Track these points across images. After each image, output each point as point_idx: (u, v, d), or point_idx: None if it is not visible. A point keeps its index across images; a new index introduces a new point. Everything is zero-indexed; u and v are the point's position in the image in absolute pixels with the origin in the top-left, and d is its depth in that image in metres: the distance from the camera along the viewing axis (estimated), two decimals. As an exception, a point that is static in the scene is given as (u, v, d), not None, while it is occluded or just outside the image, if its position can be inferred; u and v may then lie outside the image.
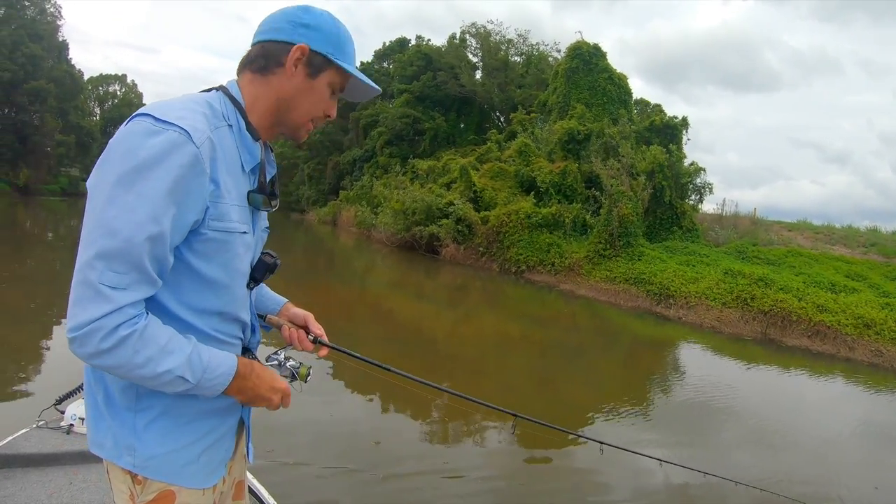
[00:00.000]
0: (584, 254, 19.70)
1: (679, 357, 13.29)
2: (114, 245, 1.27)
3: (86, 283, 1.28)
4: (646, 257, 19.21)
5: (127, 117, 1.43)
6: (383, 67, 50.97)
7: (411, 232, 23.77)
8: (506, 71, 39.28)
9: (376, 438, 6.28)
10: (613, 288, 17.95)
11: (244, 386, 1.51)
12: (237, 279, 1.53)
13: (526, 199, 22.21)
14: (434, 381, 2.32)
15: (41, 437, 3.36)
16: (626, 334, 15.10)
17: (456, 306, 16.44)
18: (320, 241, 33.33)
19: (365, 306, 14.96)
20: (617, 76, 31.29)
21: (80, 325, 1.27)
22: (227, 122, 1.48)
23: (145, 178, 1.28)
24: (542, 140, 26.57)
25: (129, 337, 1.29)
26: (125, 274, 1.29)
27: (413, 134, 40.21)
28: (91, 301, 1.27)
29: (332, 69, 1.55)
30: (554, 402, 8.33)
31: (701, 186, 27.38)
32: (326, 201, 46.75)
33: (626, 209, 19.62)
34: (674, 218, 23.09)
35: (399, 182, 31.73)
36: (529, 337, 13.15)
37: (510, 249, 20.81)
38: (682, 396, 9.46)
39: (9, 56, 49.51)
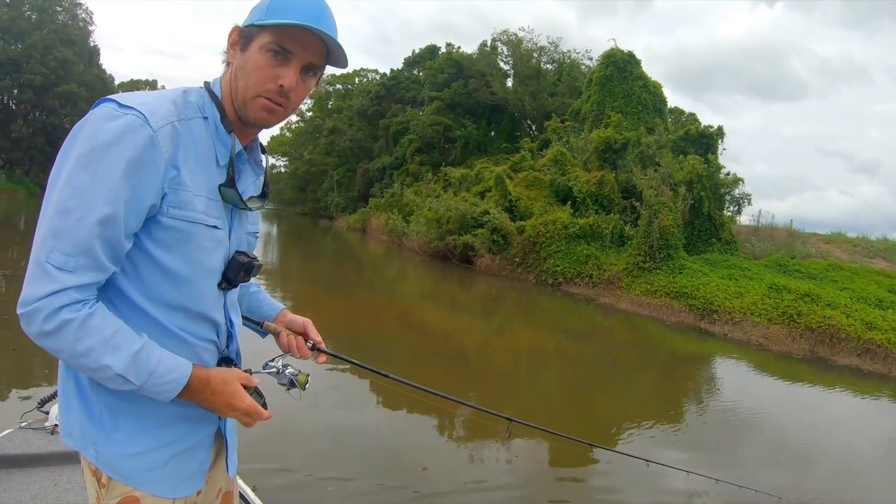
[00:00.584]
0: (622, 266, 19.21)
1: (718, 374, 12.85)
2: (65, 225, 1.27)
3: (36, 261, 1.28)
4: (687, 270, 18.70)
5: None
6: (413, 74, 50.82)
7: (445, 241, 23.41)
8: (538, 79, 38.88)
9: (401, 452, 6.19)
10: (655, 302, 17.45)
11: (199, 399, 1.46)
12: (201, 274, 1.48)
13: (562, 209, 21.77)
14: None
15: (25, 438, 3.34)
16: (666, 350, 14.64)
17: (489, 318, 16.11)
18: (349, 249, 33.24)
19: (395, 316, 14.73)
20: (652, 84, 30.90)
21: (26, 301, 1.27)
22: (203, 114, 1.47)
23: (100, 160, 1.28)
24: (577, 149, 26.11)
25: (70, 322, 1.28)
26: (72, 256, 1.28)
27: (444, 142, 39.93)
28: (38, 279, 1.27)
29: (263, 32, 1.46)
30: (584, 416, 8.22)
31: (739, 197, 26.85)
32: (356, 208, 46.63)
33: (667, 221, 19.13)
34: (712, 230, 22.50)
35: (430, 190, 31.46)
36: (564, 350, 12.83)
37: (547, 261, 20.38)
38: (715, 413, 9.21)
39: (40, 60, 50.42)
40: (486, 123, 41.07)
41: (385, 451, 6.12)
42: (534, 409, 8.13)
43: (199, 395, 1.46)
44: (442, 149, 40.72)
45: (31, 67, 50.39)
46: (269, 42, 1.45)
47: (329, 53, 1.53)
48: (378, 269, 24.99)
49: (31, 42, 50.60)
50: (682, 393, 10.46)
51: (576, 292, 19.38)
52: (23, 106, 54.45)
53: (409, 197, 31.66)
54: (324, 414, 6.79)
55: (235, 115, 1.52)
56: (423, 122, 40.37)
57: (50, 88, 51.12)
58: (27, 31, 51.22)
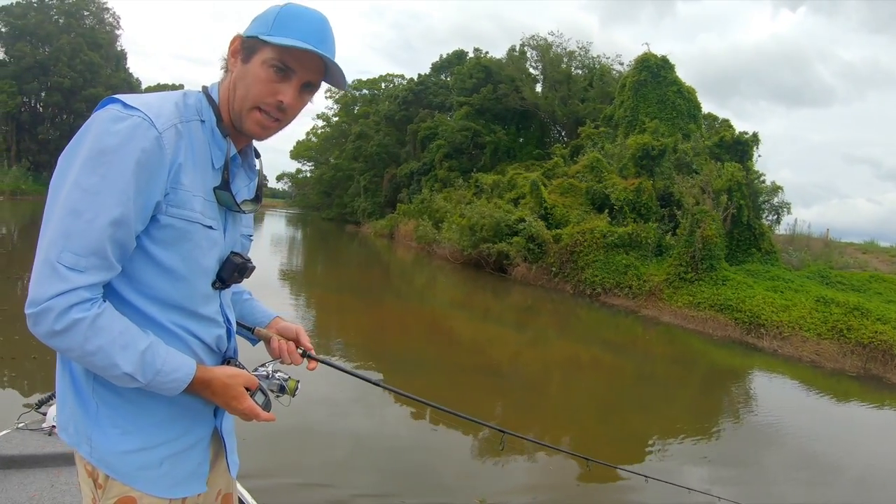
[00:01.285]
0: (663, 276, 18.62)
1: (760, 390, 12.25)
2: (76, 226, 1.30)
3: (46, 262, 1.29)
4: (731, 282, 18.07)
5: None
6: (441, 80, 50.49)
7: (478, 249, 22.90)
8: (568, 84, 38.34)
9: (418, 463, 6.19)
10: (700, 315, 16.85)
11: (201, 396, 1.51)
12: (197, 273, 1.51)
13: (599, 218, 21.22)
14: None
15: (22, 439, 3.36)
16: (708, 364, 14.14)
17: (523, 328, 15.70)
18: (376, 255, 32.93)
19: (425, 326, 14.43)
20: (686, 89, 30.30)
21: (36, 301, 1.28)
22: (201, 117, 1.50)
23: (110, 162, 1.30)
24: (611, 155, 25.56)
25: (80, 322, 1.30)
26: (84, 256, 1.30)
27: (472, 147, 39.47)
28: (48, 279, 1.28)
29: (266, 48, 1.49)
30: (614, 430, 8.03)
31: (778, 206, 26.18)
32: (382, 214, 46.34)
33: (710, 230, 18.54)
34: (752, 239, 21.81)
35: (460, 196, 31.04)
36: (599, 363, 12.46)
37: (585, 270, 19.82)
38: (752, 430, 8.85)
39: (68, 63, 51.08)
40: (515, 129, 40.58)
41: (397, 464, 6.07)
42: (562, 423, 8.05)
43: (200, 395, 1.50)
44: (471, 154, 40.27)
45: (59, 71, 51.20)
46: (272, 58, 1.49)
47: (327, 72, 1.58)
48: (407, 276, 24.63)
49: (59, 45, 51.39)
50: (721, 409, 9.98)
51: (615, 303, 18.82)
52: (50, 109, 55.16)
53: (438, 203, 31.24)
54: (341, 423, 6.83)
55: (230, 120, 1.55)
56: (451, 127, 39.96)
57: (77, 92, 51.74)
58: (54, 34, 52.03)
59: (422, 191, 40.20)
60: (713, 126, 34.87)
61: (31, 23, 51.36)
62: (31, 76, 51.01)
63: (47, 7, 53.77)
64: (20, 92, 51.06)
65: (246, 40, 1.51)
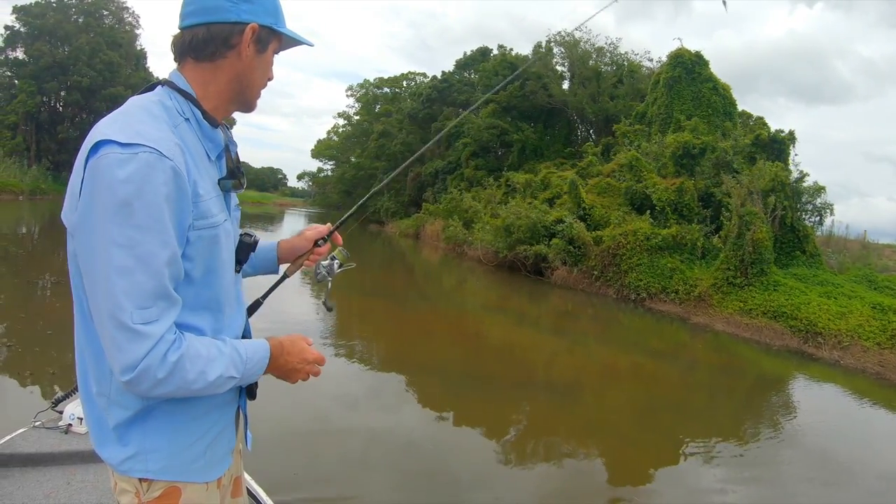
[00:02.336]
0: (710, 281, 17.77)
1: (813, 403, 11.34)
2: (131, 283, 1.27)
3: (120, 328, 1.28)
4: (782, 287, 17.22)
5: None
6: (465, 77, 49.72)
7: (514, 251, 22.10)
8: (598, 81, 37.43)
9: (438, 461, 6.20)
10: (754, 323, 15.98)
11: (278, 364, 1.59)
12: (225, 267, 1.55)
13: (641, 219, 20.38)
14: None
15: (39, 437, 3.39)
16: (758, 374, 13.32)
17: (560, 333, 15.03)
18: (402, 255, 32.21)
19: (458, 330, 13.91)
20: (721, 86, 29.42)
21: (129, 367, 1.29)
22: (184, 116, 1.46)
23: (137, 210, 1.27)
24: (648, 153, 24.69)
25: (179, 361, 1.33)
26: (151, 307, 1.30)
27: (500, 145, 38.65)
28: (131, 343, 1.28)
29: (276, 38, 1.57)
30: (648, 437, 7.76)
31: (821, 207, 25.25)
32: (406, 213, 45.69)
33: (762, 233, 17.70)
34: (795, 242, 20.90)
35: (490, 196, 30.31)
36: (640, 370, 11.87)
37: (628, 274, 18.96)
38: (793, 444, 8.25)
39: (87, 62, 51.05)
40: (543, 127, 39.72)
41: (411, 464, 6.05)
42: (592, 428, 7.91)
43: (277, 361, 1.58)
44: (497, 153, 39.49)
45: (78, 70, 51.19)
46: (278, 46, 1.61)
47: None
48: (436, 278, 23.89)
49: (78, 45, 51.40)
50: (765, 421, 9.35)
51: (662, 309, 17.96)
52: (70, 108, 55.09)
53: (467, 202, 30.50)
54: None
55: (214, 106, 1.54)
56: (478, 125, 39.08)
57: (97, 91, 51.69)
58: (73, 34, 52.08)
59: (447, 190, 39.56)
60: (747, 124, 33.97)
61: (50, 22, 51.40)
62: (50, 76, 51.03)
63: (66, 7, 53.83)
64: (39, 91, 51.16)
65: (262, 31, 1.52)
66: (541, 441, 7.21)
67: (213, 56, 1.49)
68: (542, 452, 6.89)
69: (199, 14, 1.48)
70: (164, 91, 1.49)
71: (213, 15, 1.47)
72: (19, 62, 51.73)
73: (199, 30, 1.48)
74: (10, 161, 43.73)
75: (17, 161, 44.90)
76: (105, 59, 51.86)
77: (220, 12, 1.47)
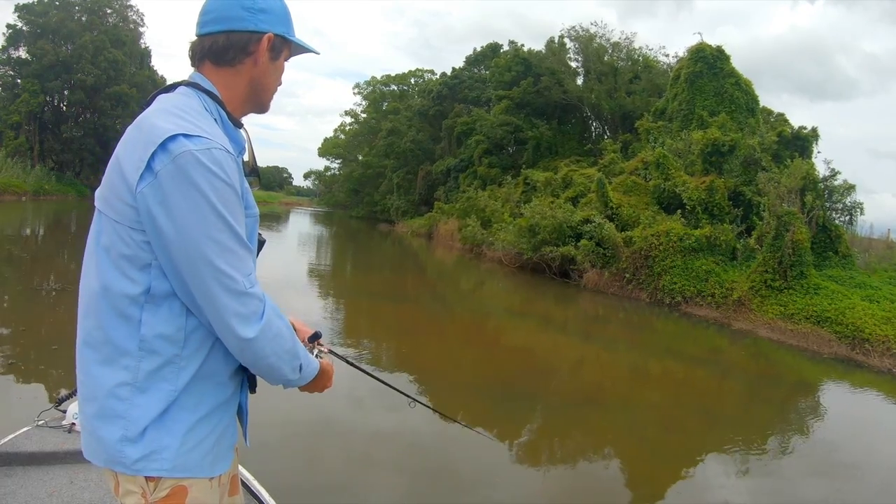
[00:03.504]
0: (747, 284, 16.96)
1: (858, 414, 10.67)
2: (237, 257, 1.41)
3: (237, 296, 1.40)
4: (823, 290, 16.42)
5: None
6: (476, 73, 48.91)
7: (540, 252, 21.27)
8: (615, 76, 36.59)
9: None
10: (799, 329, 15.17)
11: (319, 380, 1.70)
12: (254, 258, 1.57)
13: (672, 219, 19.57)
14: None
15: (42, 436, 3.40)
16: (797, 382, 12.58)
17: (588, 338, 14.36)
18: (414, 256, 31.45)
19: (478, 334, 13.28)
20: (744, 82, 28.66)
21: (255, 320, 1.42)
22: (213, 116, 1.53)
23: (224, 197, 1.38)
24: (674, 151, 23.86)
25: (269, 322, 1.46)
26: (252, 273, 1.45)
27: (514, 143, 37.81)
28: (250, 304, 1.42)
29: (288, 45, 1.67)
30: (670, 444, 7.49)
31: (851, 206, 24.46)
32: (417, 212, 44.95)
33: (801, 234, 16.91)
34: (828, 242, 20.09)
35: (507, 194, 29.52)
36: (670, 375, 11.31)
37: (662, 277, 18.13)
38: (824, 457, 7.86)
39: (91, 61, 50.47)
40: (557, 124, 38.88)
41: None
42: (613, 433, 7.67)
43: (318, 382, 1.70)
44: (511, 150, 38.66)
45: (82, 68, 50.63)
46: (289, 54, 1.70)
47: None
48: (453, 280, 23.08)
49: (82, 43, 50.81)
50: (797, 432, 8.81)
51: (699, 314, 17.12)
52: (73, 107, 54.53)
53: (483, 201, 29.70)
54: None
55: (234, 109, 1.62)
56: (491, 122, 38.23)
57: (101, 89, 51.13)
58: (77, 32, 51.53)
59: (459, 188, 38.80)
60: (768, 120, 33.20)
61: (53, 21, 50.83)
62: (53, 74, 50.48)
63: (69, 5, 53.29)
64: (42, 91, 50.51)
65: (276, 39, 1.61)
66: (559, 445, 7.15)
67: (231, 62, 1.58)
68: (559, 456, 6.84)
69: (218, 22, 1.56)
70: (194, 92, 1.54)
71: (232, 24, 1.55)
72: (22, 61, 51.13)
73: (219, 37, 1.56)
74: (12, 161, 43.13)
75: (19, 161, 44.28)
76: (109, 58, 51.22)
77: (239, 21, 1.55)
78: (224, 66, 1.57)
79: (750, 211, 20.95)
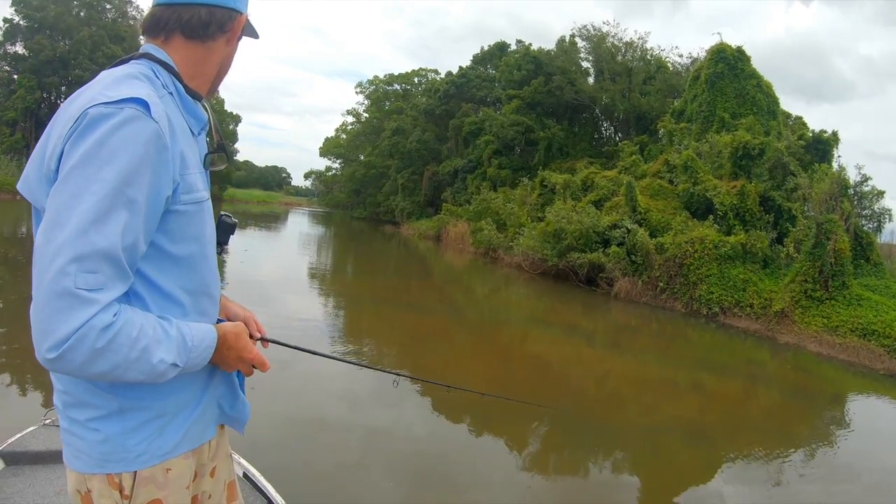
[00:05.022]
0: (788, 294, 16.12)
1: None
2: (87, 241, 1.22)
3: (62, 295, 1.21)
4: (866, 301, 15.62)
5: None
6: (484, 72, 48.04)
7: (566, 259, 20.38)
8: (629, 77, 35.77)
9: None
10: (847, 343, 14.33)
11: (218, 356, 1.52)
12: (209, 247, 1.54)
13: (705, 225, 18.73)
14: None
15: (49, 435, 3.40)
16: (837, 398, 11.76)
17: (615, 347, 13.66)
18: (423, 259, 30.50)
19: (503, 346, 12.49)
20: (765, 83, 27.96)
21: (65, 336, 1.21)
22: (167, 90, 1.45)
23: (107, 166, 1.24)
24: (700, 153, 23.03)
25: (122, 330, 1.26)
26: (102, 272, 1.24)
27: (525, 143, 36.93)
28: (73, 309, 1.22)
29: (244, 26, 1.61)
30: (690, 456, 7.24)
31: (880, 213, 23.73)
32: (422, 213, 44.09)
33: (843, 243, 16.12)
34: (859, 250, 19.32)
35: (523, 196, 28.68)
36: (700, 387, 10.76)
37: (698, 286, 17.27)
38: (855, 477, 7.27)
39: (89, 56, 49.56)
40: (567, 124, 38.04)
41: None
42: (629, 443, 7.39)
43: (218, 353, 1.51)
44: (522, 151, 37.78)
45: (80, 64, 49.69)
46: (242, 35, 1.63)
47: None
48: (468, 286, 22.07)
49: (80, 38, 49.92)
50: (827, 450, 8.16)
51: (738, 325, 16.28)
52: (70, 105, 53.41)
53: (498, 204, 28.83)
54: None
55: (201, 86, 1.55)
56: (501, 122, 37.31)
57: (98, 86, 49.78)
58: (75, 27, 50.58)
59: (467, 189, 37.96)
60: (786, 124, 32.51)
61: (51, 15, 49.82)
62: (50, 70, 49.51)
63: (67, 0, 51.98)
64: (39, 87, 49.52)
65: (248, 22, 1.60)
66: (575, 454, 6.98)
67: (205, 37, 1.50)
68: (573, 466, 6.72)
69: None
70: (147, 63, 1.45)
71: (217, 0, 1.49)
72: (19, 56, 50.13)
73: (200, 9, 1.48)
74: (8, 159, 42.20)
75: (15, 159, 43.21)
76: (108, 53, 50.16)
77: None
78: (196, 40, 1.50)
79: (780, 217, 20.21)
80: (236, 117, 72.07)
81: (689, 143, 23.76)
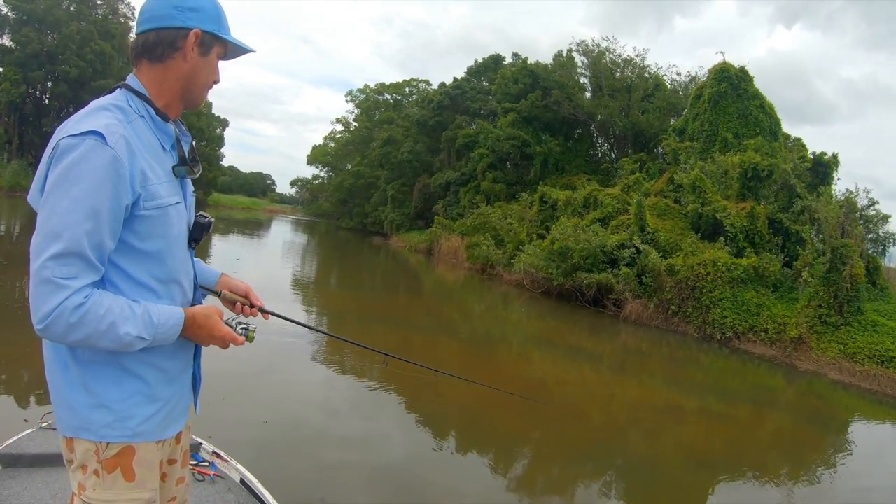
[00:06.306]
0: (803, 319, 15.66)
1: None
2: (60, 245, 1.51)
3: (44, 282, 1.50)
4: (882, 327, 15.20)
5: (191, 123, 2.79)
6: (479, 84, 47.53)
7: (572, 278, 19.76)
8: (629, 93, 35.41)
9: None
10: (867, 370, 13.86)
11: (189, 334, 1.76)
12: (177, 244, 1.75)
13: (715, 246, 18.25)
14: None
15: (45, 438, 3.45)
16: (849, 427, 11.36)
17: (622, 371, 13.15)
18: (414, 274, 29.64)
19: (520, 372, 11.75)
20: (767, 104, 27.73)
21: (48, 313, 1.50)
22: (139, 113, 1.69)
23: (74, 185, 1.51)
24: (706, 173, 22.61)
25: (91, 308, 1.52)
26: (72, 265, 1.52)
27: (520, 157, 36.37)
28: (52, 293, 1.50)
29: (219, 43, 1.79)
30: (688, 483, 7.04)
31: (884, 237, 23.45)
32: (412, 226, 43.40)
33: (859, 268, 15.72)
34: (866, 274, 19.03)
35: (521, 212, 28.12)
36: (707, 410, 10.51)
37: (711, 310, 16.75)
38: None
39: (77, 52, 48.39)
40: (564, 139, 37.59)
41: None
42: (626, 466, 7.23)
43: (188, 331, 1.74)
44: (517, 165, 37.21)
45: (67, 59, 48.48)
46: (222, 52, 1.82)
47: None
48: (464, 304, 21.25)
49: (68, 33, 48.65)
50: (831, 481, 7.82)
51: (753, 351, 15.76)
52: (56, 100, 52.53)
53: (496, 218, 28.21)
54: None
55: (168, 103, 1.76)
56: (497, 135, 36.72)
57: (86, 83, 48.84)
58: (64, 21, 49.22)
59: (460, 202, 37.35)
60: (786, 146, 32.32)
61: (41, 8, 48.56)
62: (36, 64, 48.26)
63: (58, -8, 50.91)
64: (24, 81, 48.19)
65: (205, 35, 1.74)
66: (577, 479, 6.79)
67: (161, 57, 1.71)
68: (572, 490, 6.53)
69: (151, 21, 1.70)
70: (122, 93, 1.71)
71: (161, 21, 1.69)
72: (5, 48, 48.66)
73: (150, 34, 1.70)
74: (-10, 153, 40.98)
75: (-2, 153, 42.16)
76: (96, 50, 49.11)
77: (168, 19, 1.69)
78: (156, 62, 1.71)
79: (787, 239, 19.85)
80: (223, 121, 70.89)
81: (694, 163, 23.34)
